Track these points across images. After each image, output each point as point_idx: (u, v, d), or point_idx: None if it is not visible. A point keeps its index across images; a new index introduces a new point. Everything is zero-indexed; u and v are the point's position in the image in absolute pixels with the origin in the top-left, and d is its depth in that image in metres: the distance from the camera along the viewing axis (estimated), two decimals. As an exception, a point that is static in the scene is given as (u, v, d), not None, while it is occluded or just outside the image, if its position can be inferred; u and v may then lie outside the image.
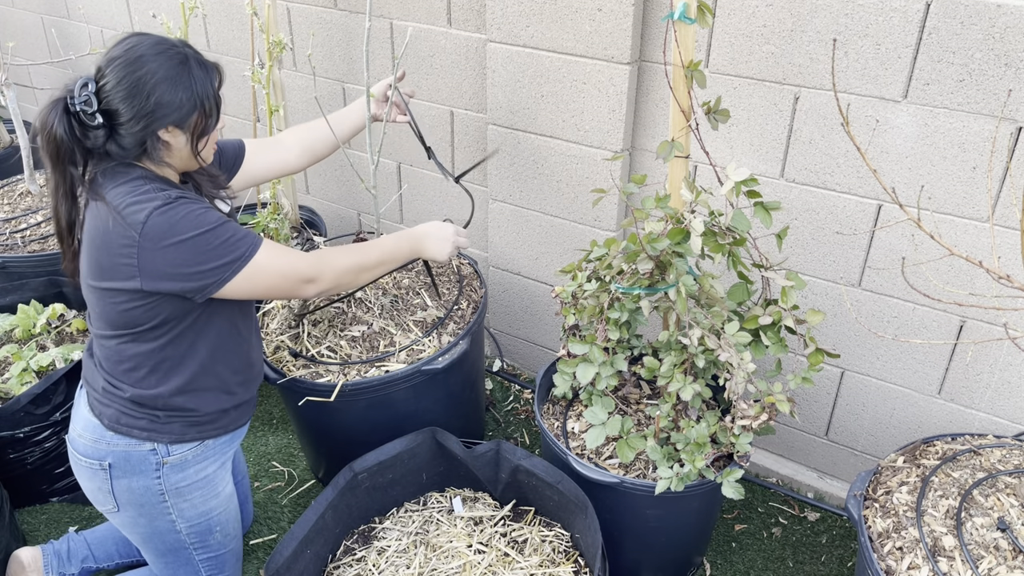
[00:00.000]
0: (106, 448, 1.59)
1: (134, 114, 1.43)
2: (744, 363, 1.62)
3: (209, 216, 1.47)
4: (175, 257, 1.44)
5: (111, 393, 1.58)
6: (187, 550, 1.74)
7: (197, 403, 1.62)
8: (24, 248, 2.73)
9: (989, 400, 1.97)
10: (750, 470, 2.43)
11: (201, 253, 1.45)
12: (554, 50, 2.18)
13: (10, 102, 2.85)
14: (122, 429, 1.58)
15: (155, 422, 1.59)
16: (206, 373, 1.61)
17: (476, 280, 2.38)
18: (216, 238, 1.47)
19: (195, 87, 1.48)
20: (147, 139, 1.46)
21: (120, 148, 1.46)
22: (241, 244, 1.50)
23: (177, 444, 1.61)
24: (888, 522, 1.61)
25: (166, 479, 1.62)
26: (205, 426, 1.64)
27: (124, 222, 1.42)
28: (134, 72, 1.42)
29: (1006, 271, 1.80)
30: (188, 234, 1.44)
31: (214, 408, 1.64)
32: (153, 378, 1.57)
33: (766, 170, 2.03)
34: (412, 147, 2.73)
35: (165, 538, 1.70)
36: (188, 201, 1.47)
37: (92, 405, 1.61)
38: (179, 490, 1.65)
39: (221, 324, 1.60)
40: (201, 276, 1.47)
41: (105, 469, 1.60)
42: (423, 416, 2.13)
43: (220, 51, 3.10)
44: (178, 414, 1.60)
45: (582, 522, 1.82)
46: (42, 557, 1.97)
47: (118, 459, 1.59)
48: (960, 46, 1.68)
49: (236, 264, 1.49)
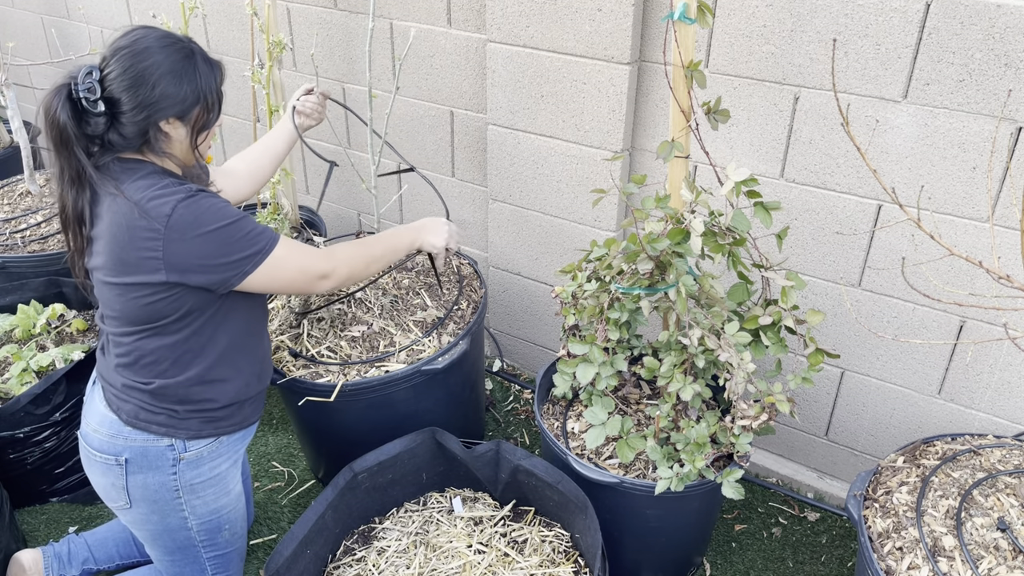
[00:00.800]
0: (123, 444, 1.60)
1: (137, 103, 1.44)
2: (744, 363, 1.62)
3: (230, 210, 1.51)
4: (200, 248, 1.46)
5: (132, 388, 1.59)
6: (195, 548, 1.74)
7: (216, 393, 1.63)
8: (24, 248, 2.73)
9: (989, 400, 1.97)
10: (750, 470, 2.43)
11: (225, 245, 1.48)
12: (554, 50, 2.18)
13: (10, 102, 2.85)
14: (140, 424, 1.59)
15: (174, 417, 1.60)
16: (224, 363, 1.63)
17: (476, 280, 2.38)
18: (239, 231, 1.50)
19: (199, 81, 1.50)
20: (149, 129, 1.47)
21: (121, 137, 1.47)
22: (261, 238, 1.53)
23: (194, 440, 1.63)
24: (888, 522, 1.61)
25: (181, 475, 1.63)
26: (221, 422, 1.65)
27: (148, 215, 1.44)
28: (140, 63, 1.44)
29: (1006, 271, 1.80)
30: (213, 226, 1.46)
31: (231, 399, 1.66)
32: (175, 368, 1.58)
33: (766, 170, 2.03)
34: (412, 147, 2.73)
35: (175, 535, 1.71)
36: (208, 195, 1.50)
37: (109, 401, 1.62)
38: (193, 487, 1.66)
39: (239, 317, 1.62)
40: (225, 268, 1.49)
41: (121, 464, 1.61)
42: (423, 416, 2.13)
43: (220, 51, 3.10)
44: (197, 408, 1.61)
45: (582, 522, 1.82)
46: (43, 559, 1.97)
47: (135, 455, 1.60)
48: (960, 46, 1.68)
49: (258, 257, 1.52)
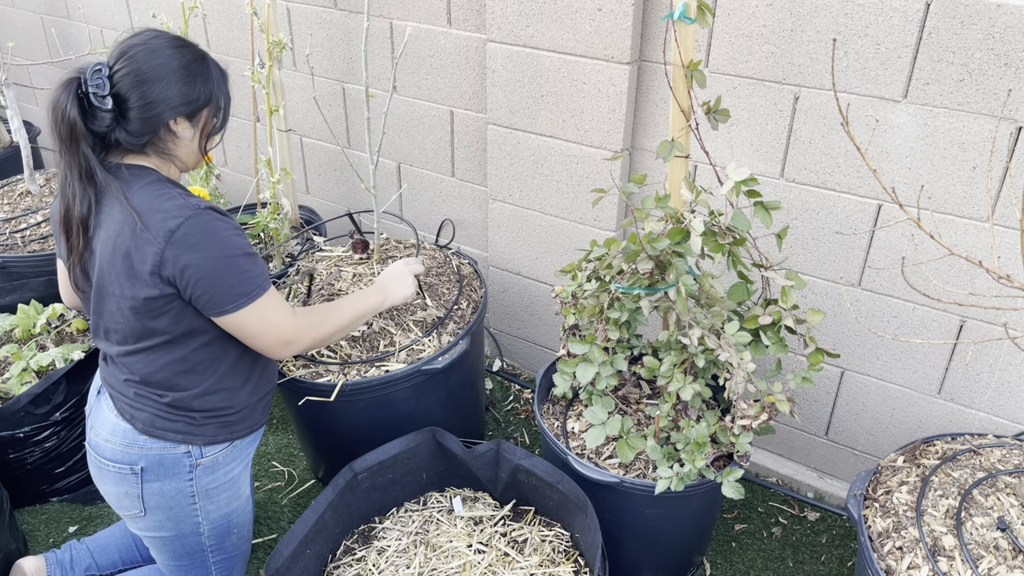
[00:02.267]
0: (139, 452, 1.58)
1: (146, 101, 1.43)
2: (744, 363, 1.62)
3: (236, 240, 1.48)
4: (195, 269, 1.44)
5: (145, 398, 1.57)
6: (204, 552, 1.74)
7: (231, 399, 1.62)
8: (24, 248, 2.73)
9: (989, 400, 1.97)
10: (750, 470, 2.43)
11: (217, 276, 1.46)
12: (554, 50, 2.18)
13: (10, 102, 2.85)
14: (157, 432, 1.57)
15: (191, 424, 1.59)
16: (236, 369, 1.62)
17: (476, 280, 2.38)
18: (236, 267, 1.47)
19: (211, 83, 1.51)
20: (158, 127, 1.46)
21: (128, 134, 1.45)
22: (252, 283, 1.50)
23: (210, 446, 1.62)
24: (888, 522, 1.61)
25: (198, 481, 1.63)
26: (235, 426, 1.65)
27: (152, 227, 1.42)
28: (150, 61, 1.44)
29: (1006, 271, 1.80)
30: (213, 252, 1.44)
31: (246, 402, 1.65)
32: (189, 379, 1.57)
33: (766, 170, 2.03)
34: (412, 147, 2.74)
35: (187, 540, 1.70)
36: (216, 216, 1.48)
37: (122, 410, 1.60)
38: (208, 492, 1.65)
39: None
40: (209, 297, 1.47)
41: (136, 473, 1.59)
42: (423, 416, 2.13)
43: (220, 51, 3.10)
44: (212, 414, 1.61)
45: (582, 522, 1.82)
46: (45, 567, 1.96)
47: (151, 463, 1.59)
48: (960, 46, 1.68)
49: (242, 300, 1.49)
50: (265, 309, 1.53)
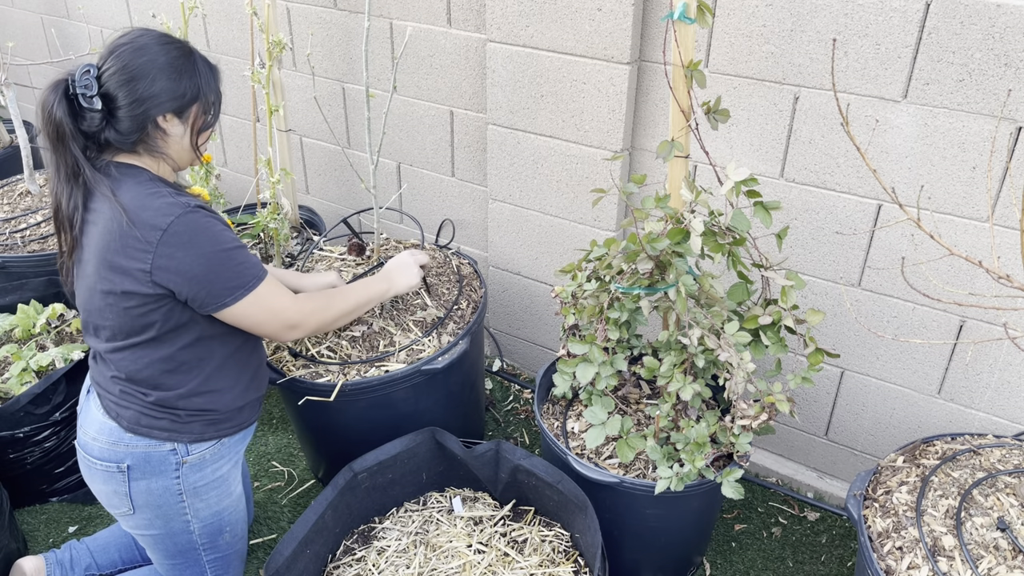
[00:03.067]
0: (125, 450, 1.59)
1: (134, 98, 1.44)
2: (744, 363, 1.62)
3: (227, 235, 1.49)
4: (188, 267, 1.45)
5: (131, 395, 1.58)
6: (197, 551, 1.74)
7: (216, 402, 1.63)
8: (24, 248, 2.73)
9: (989, 400, 1.97)
10: (750, 470, 2.43)
11: (212, 271, 1.47)
12: (554, 50, 2.18)
13: (10, 102, 2.85)
14: (142, 430, 1.58)
15: (176, 422, 1.59)
16: (223, 372, 1.63)
17: (476, 280, 2.38)
18: (230, 260, 1.49)
19: (198, 78, 1.51)
20: (146, 124, 1.47)
21: (117, 133, 1.46)
22: (248, 273, 1.52)
23: (196, 443, 1.62)
24: (888, 522, 1.61)
25: (185, 479, 1.63)
26: (222, 424, 1.65)
27: (142, 225, 1.43)
28: (137, 59, 1.44)
29: (1006, 271, 1.80)
30: (206, 248, 1.45)
31: (231, 406, 1.65)
32: (174, 379, 1.57)
33: (766, 170, 2.03)
34: (412, 147, 2.73)
35: (178, 539, 1.71)
36: (206, 213, 1.48)
37: (108, 408, 1.60)
38: (196, 490, 1.65)
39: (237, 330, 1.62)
40: (207, 294, 1.48)
41: (123, 471, 1.60)
42: (423, 416, 2.13)
43: (220, 51, 3.10)
44: (198, 413, 1.61)
45: (582, 522, 1.82)
46: (45, 566, 1.96)
47: (137, 461, 1.59)
48: (960, 46, 1.68)
49: (239, 292, 1.51)
50: (265, 297, 1.55)
